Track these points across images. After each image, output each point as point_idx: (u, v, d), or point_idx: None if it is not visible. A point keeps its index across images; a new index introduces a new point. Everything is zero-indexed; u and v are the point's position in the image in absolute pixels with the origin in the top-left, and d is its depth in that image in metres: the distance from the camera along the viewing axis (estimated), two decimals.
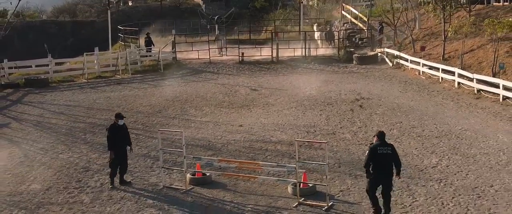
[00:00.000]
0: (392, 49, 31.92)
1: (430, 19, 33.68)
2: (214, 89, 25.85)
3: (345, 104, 21.46)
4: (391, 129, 17.48)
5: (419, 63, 27.62)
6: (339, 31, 35.69)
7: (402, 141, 16.15)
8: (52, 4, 62.34)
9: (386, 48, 32.47)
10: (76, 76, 30.42)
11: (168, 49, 34.68)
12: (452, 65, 25.58)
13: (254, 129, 18.22)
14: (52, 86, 28.09)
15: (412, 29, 32.02)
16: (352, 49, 34.40)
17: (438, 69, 25.74)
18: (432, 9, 29.64)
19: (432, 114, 19.37)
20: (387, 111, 20.05)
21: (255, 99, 23.37)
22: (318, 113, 20.29)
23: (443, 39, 28.17)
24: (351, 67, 31.10)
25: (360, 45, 35.75)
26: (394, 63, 30.58)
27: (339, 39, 34.78)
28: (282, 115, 20.12)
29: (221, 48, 35.46)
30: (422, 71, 27.24)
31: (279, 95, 23.91)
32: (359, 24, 38.16)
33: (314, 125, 18.47)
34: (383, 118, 19.11)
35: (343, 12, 41.03)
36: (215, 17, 40.40)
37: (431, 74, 26.49)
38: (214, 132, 17.86)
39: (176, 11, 54.96)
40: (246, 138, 17.02)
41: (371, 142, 11.16)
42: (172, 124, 19.12)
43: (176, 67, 32.10)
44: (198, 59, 33.45)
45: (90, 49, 31.68)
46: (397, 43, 32.70)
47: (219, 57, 34.43)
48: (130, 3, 60.96)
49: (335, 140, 16.47)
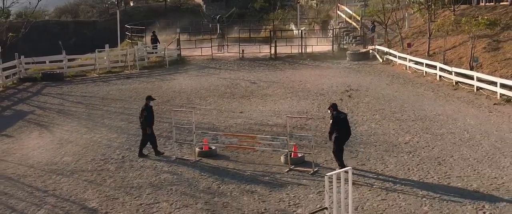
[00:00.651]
0: (383, 46, 34.23)
1: (419, 19, 36.00)
2: (216, 83, 28.11)
3: (335, 95, 23.76)
4: (374, 114, 19.79)
5: (406, 59, 29.93)
6: (333, 30, 37.92)
7: (382, 123, 18.45)
8: (54, 5, 64.21)
9: (377, 46, 34.79)
10: (88, 71, 32.73)
11: (172, 46, 37.08)
12: (435, 61, 27.84)
13: (253, 115, 20.53)
14: (66, 80, 30.38)
15: (401, 28, 34.32)
16: (345, 47, 36.77)
17: (423, 64, 28.06)
18: (418, 8, 31.88)
19: (412, 102, 21.67)
20: (373, 100, 22.35)
21: (254, 91, 25.65)
22: (310, 102, 22.58)
23: (428, 37, 30.49)
24: (344, 63, 33.37)
25: (353, 43, 38.13)
26: (384, 59, 32.90)
27: (333, 37, 37.02)
28: (278, 104, 22.41)
29: (222, 46, 37.79)
30: (409, 66, 29.54)
31: (276, 88, 26.19)
32: (353, 23, 40.55)
33: (307, 111, 20.76)
34: (368, 105, 21.42)
35: (339, 12, 43.41)
36: (217, 16, 42.73)
37: (416, 68, 28.79)
38: (218, 117, 20.17)
39: (177, 11, 57.01)
40: (246, 122, 19.32)
41: (331, 115, 13.78)
42: (180, 111, 21.39)
43: (180, 64, 34.40)
44: (201, 56, 35.79)
45: (92, 49, 33.95)
46: (387, 40, 35.01)
47: (220, 54, 36.76)
48: (131, 4, 63.12)
49: (324, 123, 18.73)
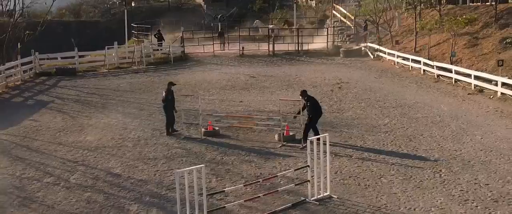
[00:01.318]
0: (375, 44, 36.57)
1: (409, 18, 38.30)
2: (218, 77, 30.41)
3: (327, 87, 26.09)
4: (360, 103, 22.13)
5: (394, 55, 32.29)
6: (328, 28, 40.24)
7: (366, 109, 20.78)
8: (56, 5, 65.82)
9: (369, 43, 37.15)
10: (98, 67, 35.05)
11: (176, 44, 39.44)
12: (421, 56, 30.16)
13: (251, 103, 22.85)
14: (78, 75, 32.70)
15: (390, 26, 36.66)
16: (339, 44, 39.14)
17: (409, 59, 30.41)
18: (405, 8, 34.23)
19: (396, 93, 24.00)
20: (360, 91, 24.68)
21: (253, 84, 27.97)
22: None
23: (415, 35, 32.84)
24: (337, 60, 35.74)
25: (347, 40, 40.49)
26: (375, 55, 35.27)
27: (327, 35, 39.32)
28: (275, 94, 24.69)
29: (223, 43, 40.13)
30: (397, 62, 31.89)
31: (273, 81, 28.49)
32: (347, 22, 42.90)
33: (300, 100, 23.00)
34: (355, 95, 23.75)
35: (334, 12, 45.75)
36: (218, 16, 45.10)
37: (403, 64, 31.12)
38: (220, 106, 22.49)
39: (178, 11, 59.12)
40: (245, 109, 21.63)
41: (305, 101, 16.17)
42: (185, 100, 23.71)
43: (184, 60, 36.75)
44: (204, 52, 38.16)
45: (95, 48, 36.24)
46: (378, 38, 37.34)
47: (222, 51, 39.10)
48: (133, 4, 64.86)
49: None
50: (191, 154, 15.58)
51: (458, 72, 25.18)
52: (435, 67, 27.27)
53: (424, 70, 28.47)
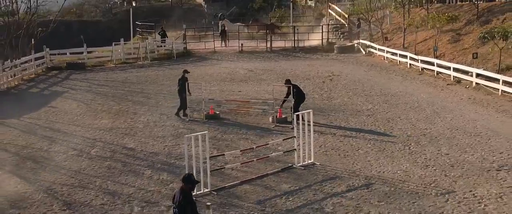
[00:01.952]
0: (367, 40, 38.70)
1: (399, 16, 40.45)
2: (219, 71, 32.54)
3: (319, 79, 28.23)
4: (348, 92, 24.28)
5: (384, 51, 34.44)
6: (322, 26, 42.40)
7: (353, 98, 22.93)
8: (58, 5, 67.31)
9: (361, 40, 39.29)
10: (105, 62, 37.20)
11: (179, 41, 41.61)
12: (408, 52, 32.29)
13: (249, 93, 24.99)
14: (87, 69, 34.86)
15: (381, 24, 38.80)
16: (333, 41, 41.32)
17: (396, 54, 32.57)
18: (394, 6, 36.44)
19: (382, 84, 26.15)
20: (349, 83, 26.83)
21: (251, 76, 30.10)
22: (297, 84, 26.91)
23: (403, 32, 35.00)
24: (331, 56, 37.87)
25: (341, 38, 42.67)
26: (367, 51, 37.41)
27: (322, 32, 41.46)
28: (271, 86, 26.66)
29: (224, 41, 42.28)
30: (386, 57, 34.05)
31: (270, 74, 30.62)
32: (342, 20, 45.07)
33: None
34: (345, 86, 25.90)
35: (330, 11, 47.94)
36: (219, 14, 47.28)
37: (392, 59, 33.28)
38: (220, 95, 24.60)
39: (179, 10, 60.96)
40: (243, 98, 23.76)
41: (291, 87, 18.47)
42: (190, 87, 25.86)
43: (186, 56, 38.89)
44: (205, 49, 40.32)
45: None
46: (369, 35, 39.49)
47: (222, 48, 41.25)
48: (134, 3, 66.49)
49: (309, 98, 23.14)
50: (195, 133, 17.68)
51: (439, 65, 27.35)
52: (419, 61, 29.43)
53: (410, 64, 30.62)
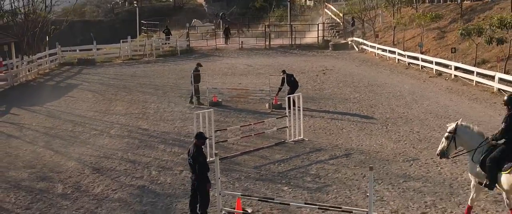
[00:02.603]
0: (360, 38, 41.05)
1: (391, 15, 42.81)
2: (220, 66, 34.89)
3: (313, 72, 30.59)
4: (338, 84, 26.64)
5: (375, 47, 36.81)
6: (318, 25, 44.76)
7: (342, 88, 25.29)
8: (60, 5, 68.72)
9: (355, 38, 41.66)
10: (113, 59, 39.58)
11: (182, 38, 44.00)
12: (396, 48, 34.65)
13: (249, 85, 27.32)
14: (97, 64, 37.24)
15: (373, 22, 41.18)
16: (329, 39, 43.71)
17: (386, 50, 34.94)
18: (384, 6, 38.84)
19: (370, 77, 28.50)
20: (340, 76, 29.18)
21: (250, 71, 32.46)
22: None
23: (393, 30, 37.38)
24: (326, 52, 40.25)
25: (336, 35, 45.07)
26: (359, 48, 39.77)
27: (318, 30, 43.83)
28: (268, 78, 29.14)
29: (228, 39, 44.66)
30: (377, 53, 36.41)
31: (268, 69, 32.92)
32: (337, 19, 47.45)
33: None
34: (336, 78, 28.25)
35: (326, 10, 50.33)
36: (220, 13, 49.69)
37: (382, 55, 35.65)
38: (222, 86, 26.96)
39: (180, 10, 62.96)
40: (243, 88, 26.13)
41: (290, 76, 20.80)
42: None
43: (190, 52, 41.27)
44: (207, 46, 42.70)
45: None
46: (363, 33, 41.87)
47: (223, 45, 43.62)
48: (135, 4, 68.34)
49: (302, 89, 25.49)
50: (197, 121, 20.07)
51: (423, 60, 29.73)
52: (406, 56, 31.80)
53: (398, 59, 32.99)
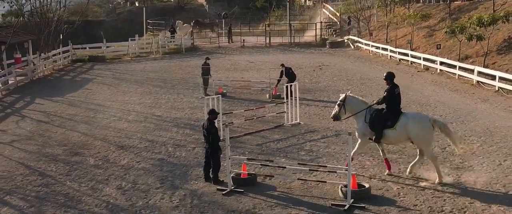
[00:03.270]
0: (356, 36, 43.34)
1: (384, 15, 45.08)
2: (223, 62, 37.15)
3: (310, 68, 32.86)
4: (333, 78, 28.90)
5: (369, 45, 39.08)
6: (316, 24, 47.05)
7: (336, 82, 27.55)
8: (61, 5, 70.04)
9: (351, 36, 43.93)
10: (121, 56, 41.85)
11: (187, 37, 46.29)
12: (390, 46, 36.90)
13: (250, 78, 29.57)
14: (107, 61, 39.49)
15: (368, 22, 43.46)
16: (326, 37, 45.99)
17: (379, 48, 37.20)
18: (378, 5, 41.14)
19: (363, 72, 30.75)
20: (335, 71, 31.44)
21: (251, 67, 34.72)
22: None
23: (386, 28, 39.65)
24: (324, 50, 42.54)
25: (333, 34, 47.34)
26: (355, 46, 42.05)
27: (315, 29, 46.12)
28: (268, 72, 31.43)
29: (229, 37, 46.94)
30: (371, 50, 38.68)
31: (268, 65, 35.08)
32: (334, 18, 49.73)
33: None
34: (331, 73, 30.51)
35: (323, 10, 52.61)
36: (222, 13, 51.99)
37: (376, 52, 37.91)
38: (226, 81, 29.22)
39: (181, 10, 65.01)
40: (245, 80, 28.40)
41: (288, 69, 22.86)
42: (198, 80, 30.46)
43: (194, 50, 43.54)
44: (210, 44, 44.98)
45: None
46: (358, 32, 44.14)
47: (226, 44, 45.90)
48: (136, 4, 70.13)
49: (299, 82, 27.70)
50: (208, 105, 22.35)
51: (413, 56, 32.00)
52: (397, 53, 34.06)
53: (390, 56, 35.25)
